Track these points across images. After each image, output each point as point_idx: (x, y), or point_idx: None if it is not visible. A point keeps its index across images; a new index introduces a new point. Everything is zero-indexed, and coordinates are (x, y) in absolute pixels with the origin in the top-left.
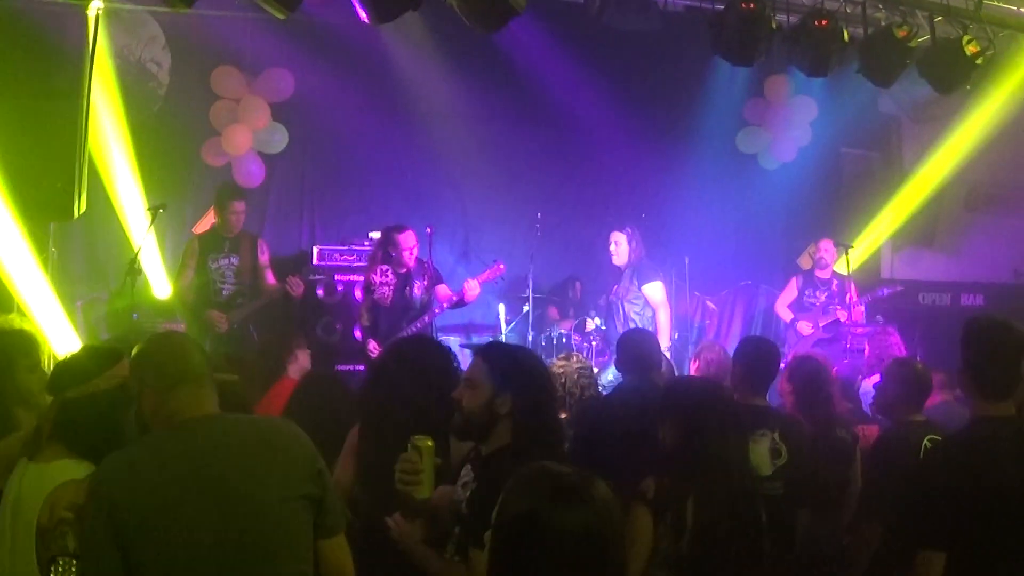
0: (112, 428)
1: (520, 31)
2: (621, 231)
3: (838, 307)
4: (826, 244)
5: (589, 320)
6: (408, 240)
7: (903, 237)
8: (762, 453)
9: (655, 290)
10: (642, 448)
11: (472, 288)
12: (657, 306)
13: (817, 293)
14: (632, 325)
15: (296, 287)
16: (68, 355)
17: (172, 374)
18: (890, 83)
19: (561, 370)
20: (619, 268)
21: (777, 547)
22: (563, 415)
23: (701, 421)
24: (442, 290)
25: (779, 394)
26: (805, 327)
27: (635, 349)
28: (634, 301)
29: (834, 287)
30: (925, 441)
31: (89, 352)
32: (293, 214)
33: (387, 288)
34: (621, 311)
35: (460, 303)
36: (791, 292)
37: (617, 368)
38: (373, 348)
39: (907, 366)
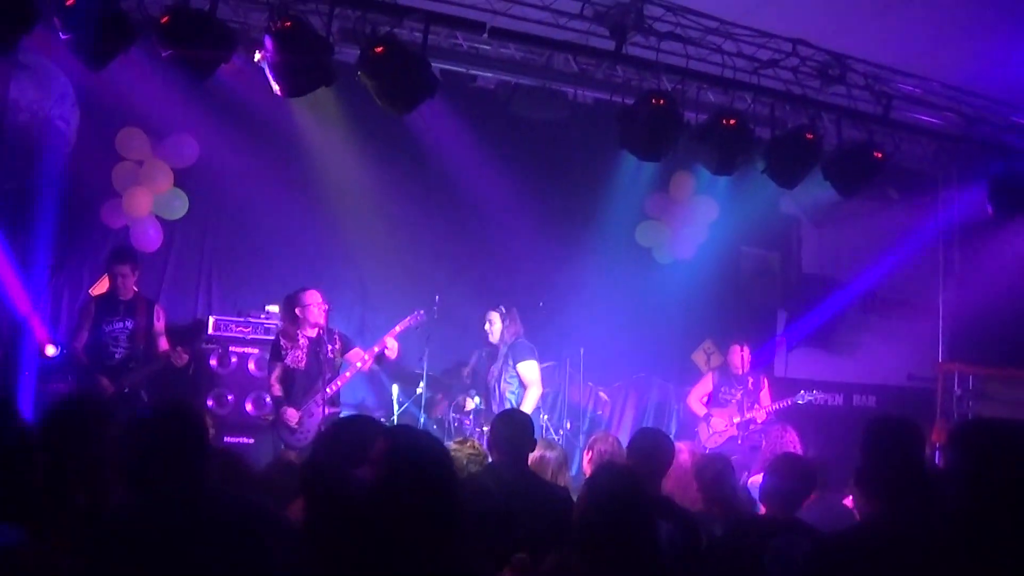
0: None
1: (430, 113)
2: (495, 310)
3: (756, 405)
4: (738, 345)
5: (469, 400)
6: (315, 297)
7: (798, 336)
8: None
9: (529, 369)
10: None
11: (392, 346)
12: (529, 384)
13: (733, 390)
14: (508, 405)
15: (179, 358)
16: None
17: None
18: (795, 184)
19: (454, 453)
20: (496, 348)
21: None
22: None
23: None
24: (355, 354)
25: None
26: (719, 423)
27: (505, 430)
28: (509, 380)
29: (749, 385)
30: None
31: None
32: (191, 281)
33: (300, 352)
34: (497, 391)
35: (380, 359)
36: (705, 386)
37: (488, 448)
38: (291, 416)
39: (793, 460)
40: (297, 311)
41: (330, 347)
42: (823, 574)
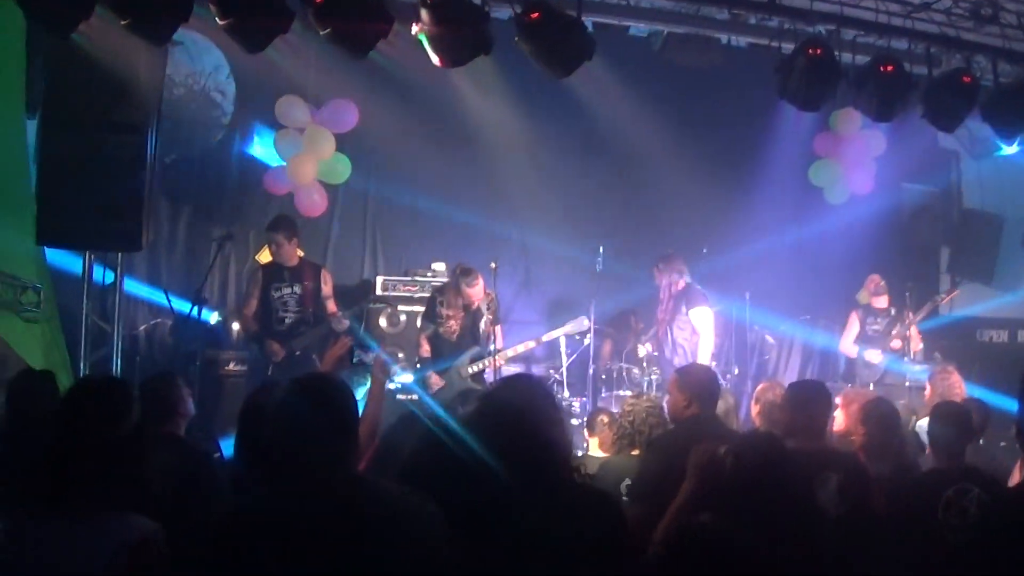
0: None
1: (583, 67)
2: (657, 262)
3: (894, 334)
4: (875, 278)
5: (640, 347)
6: (478, 293)
7: (961, 273)
8: (828, 495)
9: (702, 315)
10: None
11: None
12: (702, 331)
13: (879, 320)
14: (680, 351)
15: (340, 324)
16: None
17: None
18: (954, 128)
19: (630, 408)
20: (665, 297)
21: None
22: (635, 452)
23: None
24: (494, 331)
25: (840, 435)
26: (874, 355)
27: (699, 383)
28: (682, 327)
29: (893, 313)
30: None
31: None
32: (356, 244)
33: (455, 323)
34: (669, 337)
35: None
36: (853, 327)
37: (673, 403)
38: (435, 382)
39: (955, 408)
40: (464, 287)
41: (486, 317)
42: (1002, 527)
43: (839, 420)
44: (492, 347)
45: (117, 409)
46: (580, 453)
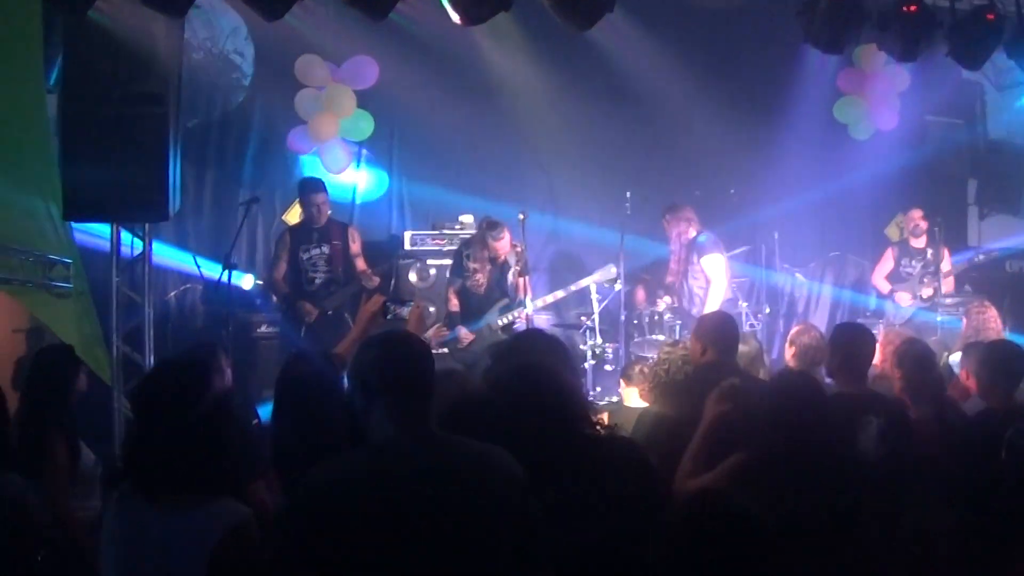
0: None
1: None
2: (665, 214)
3: (926, 281)
4: (917, 213)
5: (660, 300)
6: (504, 246)
7: (989, 205)
8: (869, 439)
9: (714, 263)
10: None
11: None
12: (714, 279)
13: (913, 263)
14: (698, 300)
15: (372, 281)
16: None
17: None
18: (979, 66)
19: (666, 356)
20: (676, 247)
21: (880, 534)
22: None
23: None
24: (522, 283)
25: (879, 378)
26: (904, 298)
27: (720, 329)
28: (696, 276)
29: (929, 256)
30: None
31: None
32: (383, 200)
33: (482, 276)
34: (685, 287)
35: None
36: (887, 263)
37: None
38: (465, 337)
39: (1007, 349)
40: (490, 240)
41: (513, 269)
42: None
43: (875, 360)
44: (521, 298)
45: (188, 395)
46: (615, 400)
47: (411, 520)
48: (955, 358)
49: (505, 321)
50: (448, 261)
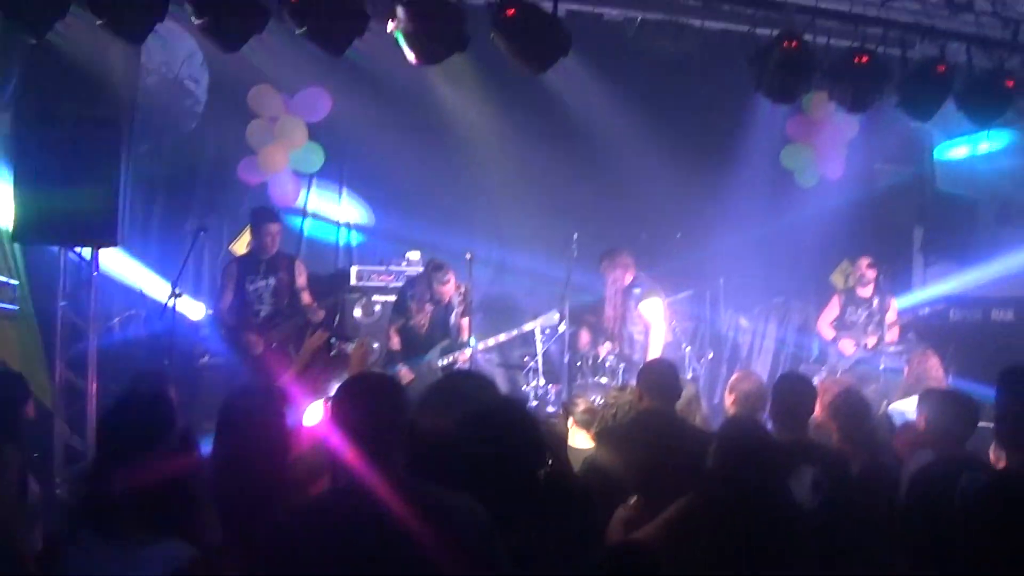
0: None
1: None
2: (602, 259)
3: (870, 330)
4: (865, 262)
5: (600, 347)
6: (449, 289)
7: (935, 253)
8: (803, 488)
9: (652, 307)
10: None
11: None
12: (653, 323)
13: (859, 311)
14: (638, 347)
15: (316, 314)
16: None
17: None
18: (929, 117)
19: (613, 400)
20: (612, 293)
21: None
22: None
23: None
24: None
25: (819, 427)
26: (848, 346)
27: (653, 378)
28: (635, 322)
29: (875, 305)
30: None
31: None
32: (330, 233)
33: (424, 317)
34: (624, 333)
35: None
36: (833, 310)
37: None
38: (406, 376)
39: (961, 398)
40: (435, 284)
41: (456, 311)
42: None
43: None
44: (464, 339)
45: (156, 431)
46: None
47: (370, 566)
48: (896, 407)
49: (446, 361)
50: (394, 297)
